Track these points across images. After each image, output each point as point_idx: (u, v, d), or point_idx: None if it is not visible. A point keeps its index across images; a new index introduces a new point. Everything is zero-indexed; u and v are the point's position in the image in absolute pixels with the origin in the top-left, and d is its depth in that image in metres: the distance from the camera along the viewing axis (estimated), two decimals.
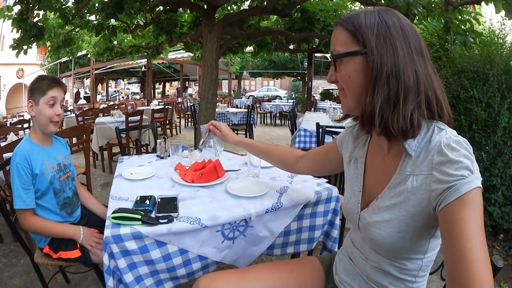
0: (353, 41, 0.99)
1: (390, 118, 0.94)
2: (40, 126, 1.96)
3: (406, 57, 0.95)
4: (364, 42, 0.97)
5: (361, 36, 0.97)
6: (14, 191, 1.81)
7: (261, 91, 36.69)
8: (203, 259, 1.55)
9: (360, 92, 1.01)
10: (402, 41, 0.96)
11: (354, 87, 1.02)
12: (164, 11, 7.28)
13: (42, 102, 1.91)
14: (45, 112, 1.91)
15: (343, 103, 1.10)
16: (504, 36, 3.54)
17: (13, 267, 2.95)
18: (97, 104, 17.53)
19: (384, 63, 0.94)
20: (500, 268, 0.95)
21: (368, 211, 1.12)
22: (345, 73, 1.02)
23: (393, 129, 0.94)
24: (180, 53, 18.82)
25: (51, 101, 1.92)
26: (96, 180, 5.69)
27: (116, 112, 7.12)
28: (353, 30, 0.98)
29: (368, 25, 0.97)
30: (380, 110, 0.95)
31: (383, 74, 0.94)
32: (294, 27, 7.24)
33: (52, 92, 1.92)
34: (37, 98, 1.91)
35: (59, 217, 2.01)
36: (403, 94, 0.94)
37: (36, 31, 6.12)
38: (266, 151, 1.76)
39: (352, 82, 1.01)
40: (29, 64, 25.84)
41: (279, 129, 13.22)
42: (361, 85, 1.00)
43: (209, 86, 5.84)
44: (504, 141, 3.19)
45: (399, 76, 0.94)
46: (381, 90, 0.95)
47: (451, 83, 3.36)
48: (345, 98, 1.07)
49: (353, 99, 1.04)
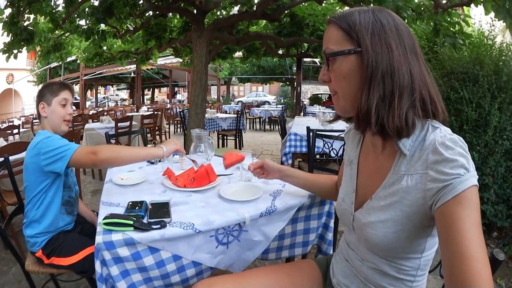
0: (347, 39, 0.98)
1: (385, 116, 0.94)
2: (53, 125, 2.03)
3: (401, 56, 0.95)
4: (358, 40, 0.96)
5: (356, 34, 0.96)
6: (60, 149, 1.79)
7: (250, 96, 36.80)
8: (197, 265, 1.52)
9: (355, 92, 1.00)
10: (397, 40, 0.96)
11: (348, 87, 1.01)
12: (153, 16, 7.25)
13: (55, 102, 2.01)
14: (58, 111, 2.02)
15: (336, 104, 1.09)
16: (493, 37, 3.58)
17: (4, 275, 2.90)
18: (87, 110, 17.43)
19: (379, 61, 0.93)
20: (502, 261, 0.95)
21: (362, 212, 1.11)
22: (339, 72, 1.01)
23: (389, 128, 0.93)
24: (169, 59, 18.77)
25: (63, 102, 2.04)
26: (86, 187, 5.63)
27: (106, 118, 7.09)
28: (347, 29, 0.98)
29: (362, 24, 0.96)
30: (376, 108, 0.94)
31: (378, 72, 0.93)
32: (283, 31, 7.24)
33: (64, 94, 2.04)
34: (49, 99, 2.01)
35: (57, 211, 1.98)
36: (398, 92, 0.93)
37: (26, 35, 6.08)
38: (313, 181, 1.72)
39: (346, 81, 1.00)
40: (19, 69, 25.55)
41: (269, 134, 13.24)
42: (355, 84, 0.99)
43: (199, 92, 5.82)
44: (495, 140, 3.23)
45: (394, 75, 0.93)
46: (377, 89, 0.94)
47: (441, 84, 3.40)
48: (338, 99, 1.06)
49: (347, 99, 1.03)
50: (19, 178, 2.55)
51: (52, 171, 1.81)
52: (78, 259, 1.90)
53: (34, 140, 1.86)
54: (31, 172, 1.87)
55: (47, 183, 1.89)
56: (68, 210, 2.06)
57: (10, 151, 3.01)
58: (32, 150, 1.84)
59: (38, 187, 1.89)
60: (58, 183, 1.94)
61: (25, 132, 8.28)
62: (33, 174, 1.87)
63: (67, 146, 1.79)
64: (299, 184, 1.75)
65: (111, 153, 1.81)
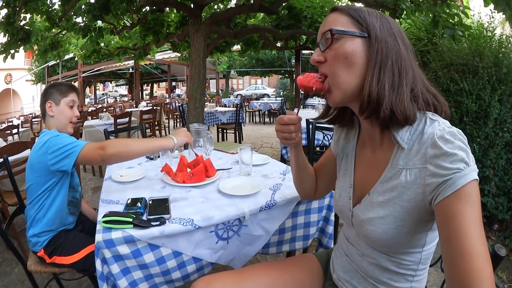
0: (354, 24, 0.97)
1: (395, 103, 0.93)
2: (59, 125, 2.04)
3: (406, 52, 0.97)
4: (367, 27, 0.96)
5: (365, 22, 0.96)
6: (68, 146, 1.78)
7: (249, 89, 36.74)
8: (198, 261, 1.52)
9: (349, 76, 0.97)
10: (401, 37, 0.98)
11: (344, 68, 0.97)
12: (150, 12, 7.24)
13: (63, 103, 2.03)
14: (65, 112, 2.04)
15: (332, 91, 1.02)
16: (493, 29, 3.57)
17: (7, 276, 2.90)
18: (86, 107, 17.40)
19: (389, 50, 0.95)
20: (503, 257, 0.94)
21: (361, 208, 1.09)
22: (341, 51, 0.97)
23: (398, 114, 0.92)
24: (167, 53, 18.77)
25: (71, 103, 2.06)
26: (87, 184, 5.62)
27: (105, 115, 7.08)
28: (356, 16, 0.98)
29: (371, 15, 0.98)
30: (388, 94, 0.93)
31: (389, 60, 0.94)
32: (281, 24, 7.23)
33: (72, 96, 2.07)
34: (58, 98, 2.02)
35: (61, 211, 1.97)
36: (405, 82, 0.94)
37: (23, 34, 6.05)
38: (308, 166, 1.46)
39: (344, 63, 0.97)
40: (17, 69, 25.53)
41: (268, 127, 13.17)
42: (353, 67, 0.96)
43: (197, 86, 5.80)
44: (495, 132, 3.22)
45: (401, 67, 0.95)
46: (387, 76, 0.94)
47: (440, 76, 3.38)
48: (327, 85, 1.02)
49: (345, 83, 0.98)
50: (18, 178, 2.55)
51: (59, 169, 1.79)
52: (80, 257, 1.90)
53: (42, 139, 1.84)
54: (37, 171, 1.85)
55: (52, 183, 1.88)
56: (72, 211, 2.06)
57: (9, 151, 3.01)
58: (40, 149, 1.81)
59: (43, 187, 1.88)
60: (63, 183, 1.93)
61: (25, 132, 8.29)
62: (39, 173, 1.85)
63: (75, 143, 1.78)
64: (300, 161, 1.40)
65: (119, 147, 1.78)
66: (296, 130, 1.22)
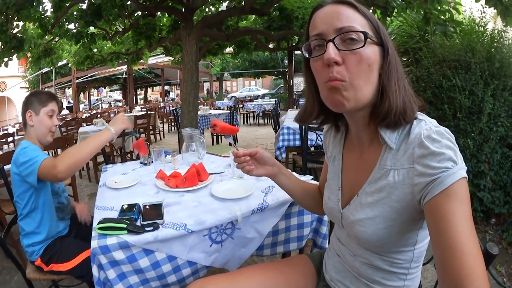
0: (371, 28, 0.94)
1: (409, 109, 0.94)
2: (39, 135, 2.05)
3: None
4: (380, 35, 0.95)
5: (378, 28, 0.95)
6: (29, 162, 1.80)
7: (243, 91, 36.72)
8: (193, 264, 1.53)
9: (371, 85, 0.93)
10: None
11: (366, 77, 0.92)
12: (142, 16, 7.22)
13: (42, 112, 2.05)
14: (45, 121, 2.05)
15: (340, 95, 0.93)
16: (484, 24, 3.59)
17: (7, 284, 2.91)
18: (80, 113, 17.36)
19: (395, 58, 0.96)
20: (495, 255, 0.93)
21: (350, 209, 1.09)
22: (366, 56, 0.90)
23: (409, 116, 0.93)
24: (160, 57, 18.70)
25: (50, 113, 2.08)
26: (83, 190, 5.62)
27: (99, 121, 7.09)
28: (369, 18, 0.95)
29: (379, 25, 0.96)
30: (404, 101, 0.94)
31: (398, 69, 0.95)
32: (273, 25, 7.25)
33: (52, 105, 2.09)
34: (37, 108, 2.04)
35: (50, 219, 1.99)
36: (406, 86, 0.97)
37: (16, 42, 6.02)
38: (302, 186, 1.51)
39: (367, 70, 0.91)
40: (11, 76, 25.43)
41: (263, 128, 13.19)
42: (373, 76, 0.93)
43: (190, 89, 5.79)
44: (489, 127, 3.23)
45: (401, 73, 0.96)
46: (400, 85, 0.95)
47: (433, 73, 3.39)
48: (345, 89, 0.91)
49: (361, 91, 0.92)
50: None
51: (30, 183, 1.83)
52: (76, 263, 1.92)
53: (15, 152, 1.89)
54: (16, 182, 1.89)
55: (32, 193, 1.90)
56: (60, 216, 2.08)
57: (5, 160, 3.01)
58: (13, 162, 1.87)
59: (25, 198, 1.90)
60: (41, 190, 1.94)
61: (20, 139, 8.24)
62: (17, 184, 1.88)
63: (35, 159, 1.80)
64: (289, 186, 1.49)
65: (68, 159, 1.76)
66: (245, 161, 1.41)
